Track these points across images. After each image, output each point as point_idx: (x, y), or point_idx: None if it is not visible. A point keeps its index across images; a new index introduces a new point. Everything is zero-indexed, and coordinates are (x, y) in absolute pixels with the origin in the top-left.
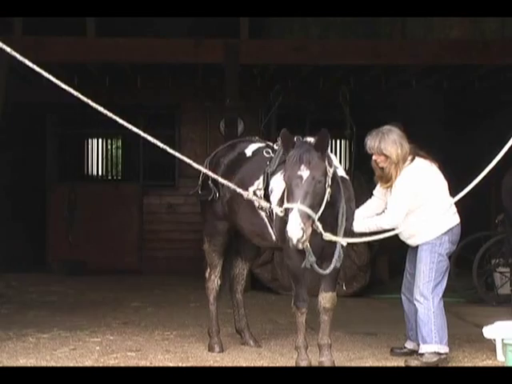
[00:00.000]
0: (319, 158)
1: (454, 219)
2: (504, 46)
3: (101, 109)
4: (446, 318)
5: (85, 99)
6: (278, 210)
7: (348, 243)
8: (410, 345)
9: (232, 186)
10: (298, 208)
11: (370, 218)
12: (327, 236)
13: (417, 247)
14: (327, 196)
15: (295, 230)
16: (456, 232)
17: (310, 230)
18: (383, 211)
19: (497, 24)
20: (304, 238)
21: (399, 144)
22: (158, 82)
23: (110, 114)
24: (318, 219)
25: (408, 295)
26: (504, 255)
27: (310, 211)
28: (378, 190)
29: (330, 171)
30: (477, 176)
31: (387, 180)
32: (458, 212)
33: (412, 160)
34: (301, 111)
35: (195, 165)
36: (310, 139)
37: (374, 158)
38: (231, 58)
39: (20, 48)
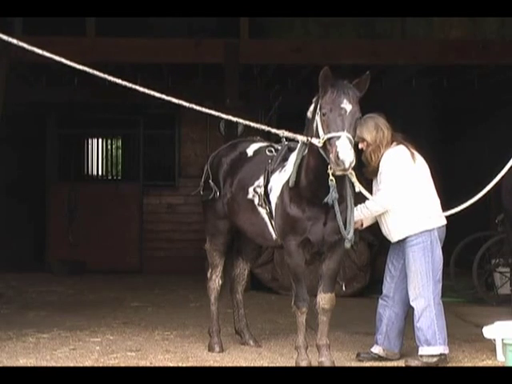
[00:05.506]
0: (358, 97)
1: (442, 219)
2: (504, 46)
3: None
4: (446, 317)
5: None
6: (315, 142)
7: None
8: (375, 349)
9: None
10: (345, 135)
11: (361, 204)
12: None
13: (402, 249)
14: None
15: (348, 154)
16: (443, 230)
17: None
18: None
19: (497, 24)
20: (353, 163)
21: (376, 127)
22: (157, 82)
23: None
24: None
25: (386, 299)
26: (504, 255)
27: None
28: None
29: None
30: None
31: (368, 164)
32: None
33: (396, 145)
34: (301, 111)
35: None
36: None
37: (359, 146)
38: (231, 58)
39: (20, 48)
